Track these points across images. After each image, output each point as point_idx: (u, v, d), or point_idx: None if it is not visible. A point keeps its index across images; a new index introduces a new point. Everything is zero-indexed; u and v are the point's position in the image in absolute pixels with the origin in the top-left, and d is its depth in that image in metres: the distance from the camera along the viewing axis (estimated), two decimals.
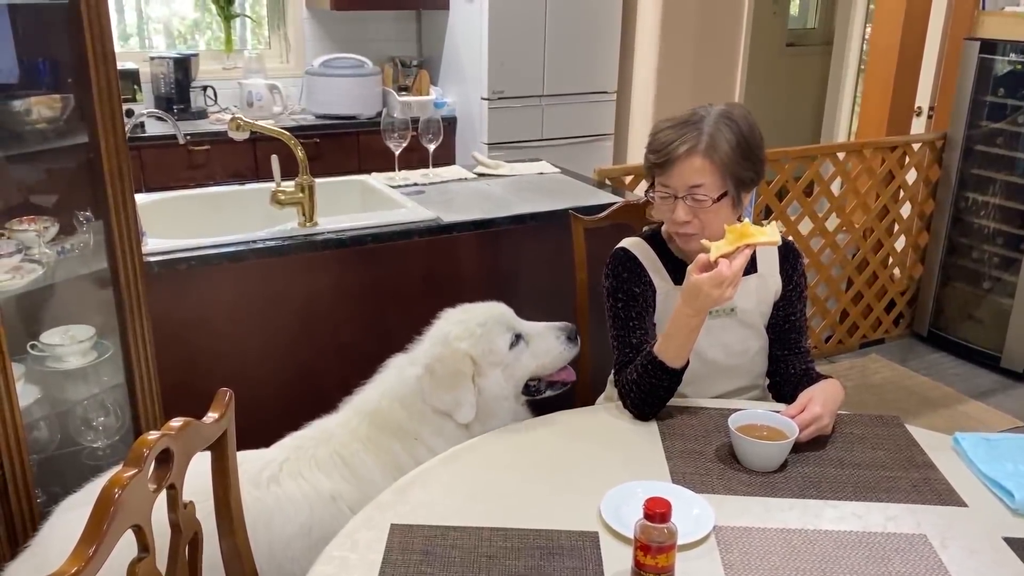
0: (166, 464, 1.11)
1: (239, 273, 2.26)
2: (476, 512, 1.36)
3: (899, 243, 4.06)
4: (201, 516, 1.26)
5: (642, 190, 3.26)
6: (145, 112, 2.63)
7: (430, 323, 1.79)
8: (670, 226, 1.70)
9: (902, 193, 3.95)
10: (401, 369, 1.74)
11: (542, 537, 1.29)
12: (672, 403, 1.67)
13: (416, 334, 1.79)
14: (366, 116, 4.16)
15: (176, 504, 1.17)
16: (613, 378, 1.80)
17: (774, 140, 1.69)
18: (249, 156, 3.81)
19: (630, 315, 1.75)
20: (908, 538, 1.32)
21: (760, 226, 1.55)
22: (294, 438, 1.69)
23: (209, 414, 1.24)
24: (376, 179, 2.91)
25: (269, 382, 2.36)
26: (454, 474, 1.49)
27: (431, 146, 2.86)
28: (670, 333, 1.60)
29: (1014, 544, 1.31)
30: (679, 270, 1.76)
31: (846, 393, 1.66)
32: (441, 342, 1.71)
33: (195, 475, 1.23)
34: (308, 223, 2.39)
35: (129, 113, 3.11)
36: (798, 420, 1.53)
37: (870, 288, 4.01)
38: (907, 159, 3.90)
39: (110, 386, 2.03)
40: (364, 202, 2.89)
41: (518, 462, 1.52)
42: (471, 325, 1.71)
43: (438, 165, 3.04)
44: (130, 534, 1.03)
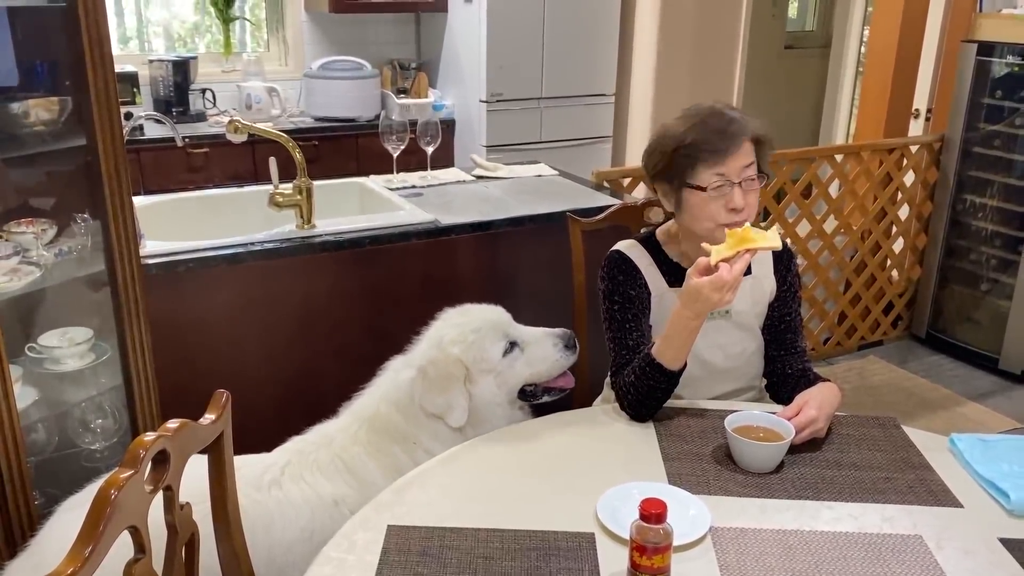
0: (163, 465, 1.11)
1: (237, 275, 2.26)
2: (473, 513, 1.36)
3: (897, 245, 4.06)
4: (200, 519, 1.26)
5: (639, 192, 3.29)
6: (143, 114, 2.63)
7: (428, 325, 1.78)
8: (724, 217, 1.63)
9: (900, 195, 3.95)
10: (397, 372, 1.74)
11: (539, 538, 1.29)
12: (669, 404, 1.67)
13: (414, 336, 1.79)
14: (365, 118, 4.17)
15: (172, 505, 1.17)
16: (610, 380, 1.81)
17: (765, 145, 1.70)
18: (247, 159, 3.82)
19: (626, 317, 1.75)
20: (904, 539, 1.32)
21: (760, 230, 1.55)
22: (295, 442, 1.69)
23: (206, 415, 1.25)
24: (374, 181, 2.91)
25: (267, 384, 2.36)
26: (451, 475, 1.49)
27: (429, 148, 2.86)
28: (669, 335, 1.61)
29: (1009, 545, 1.31)
30: (673, 272, 1.77)
31: (844, 395, 1.67)
32: (435, 344, 1.70)
33: (195, 478, 1.23)
34: (306, 225, 2.40)
35: (128, 116, 3.12)
36: (793, 423, 1.53)
37: (868, 290, 4.01)
38: (905, 161, 3.91)
39: (108, 388, 2.03)
40: (362, 204, 2.89)
41: (515, 463, 1.53)
42: (465, 330, 1.70)
43: (436, 167, 3.04)
44: (127, 535, 1.03)
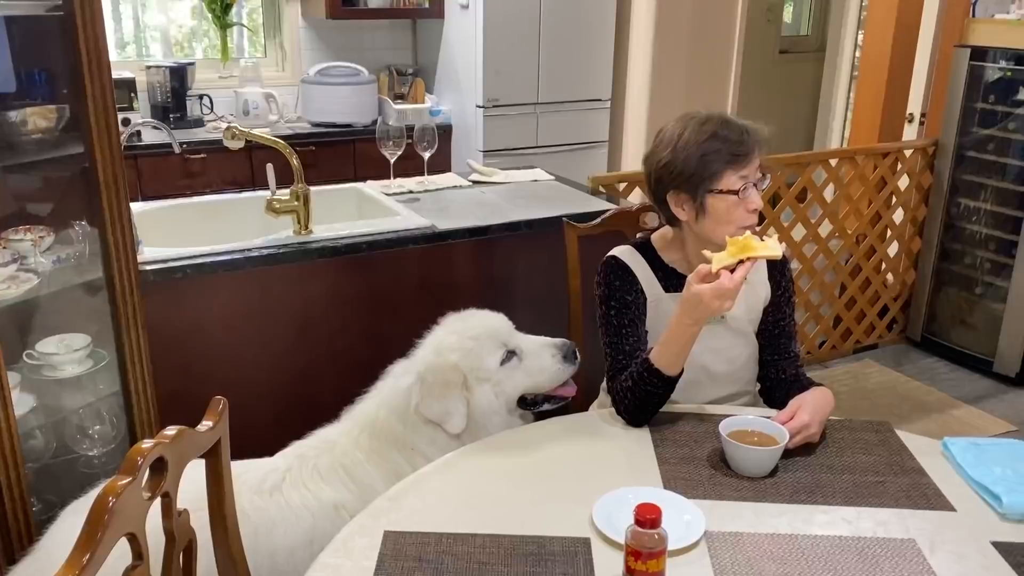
0: (160, 472, 1.11)
1: (235, 281, 2.27)
2: (469, 519, 1.37)
3: (892, 249, 4.08)
4: (200, 525, 1.27)
5: (635, 197, 3.29)
6: (141, 121, 2.65)
7: (425, 331, 1.79)
8: (744, 219, 1.66)
9: (894, 199, 3.97)
10: (397, 378, 1.74)
11: (534, 543, 1.30)
12: (664, 409, 1.68)
13: (412, 341, 1.79)
14: (362, 124, 4.18)
15: (170, 512, 1.17)
16: (606, 385, 1.81)
17: (767, 147, 1.72)
18: (245, 165, 3.82)
19: (623, 322, 1.76)
20: (897, 543, 1.33)
21: (761, 239, 1.56)
22: (296, 447, 1.69)
23: (204, 422, 1.25)
24: (371, 187, 2.92)
25: (264, 390, 2.36)
26: (447, 481, 1.50)
27: (426, 154, 2.87)
28: (667, 341, 1.61)
29: (1002, 548, 1.32)
30: (669, 278, 1.78)
31: (839, 399, 1.67)
32: (434, 351, 1.71)
33: (194, 483, 1.24)
34: (303, 231, 2.40)
35: (125, 122, 3.13)
36: (787, 427, 1.54)
37: (863, 294, 4.02)
38: (899, 165, 3.92)
39: (106, 395, 2.03)
40: (360, 210, 2.90)
41: (511, 469, 1.53)
42: (464, 337, 1.70)
43: (433, 173, 3.05)
44: (125, 543, 1.04)
